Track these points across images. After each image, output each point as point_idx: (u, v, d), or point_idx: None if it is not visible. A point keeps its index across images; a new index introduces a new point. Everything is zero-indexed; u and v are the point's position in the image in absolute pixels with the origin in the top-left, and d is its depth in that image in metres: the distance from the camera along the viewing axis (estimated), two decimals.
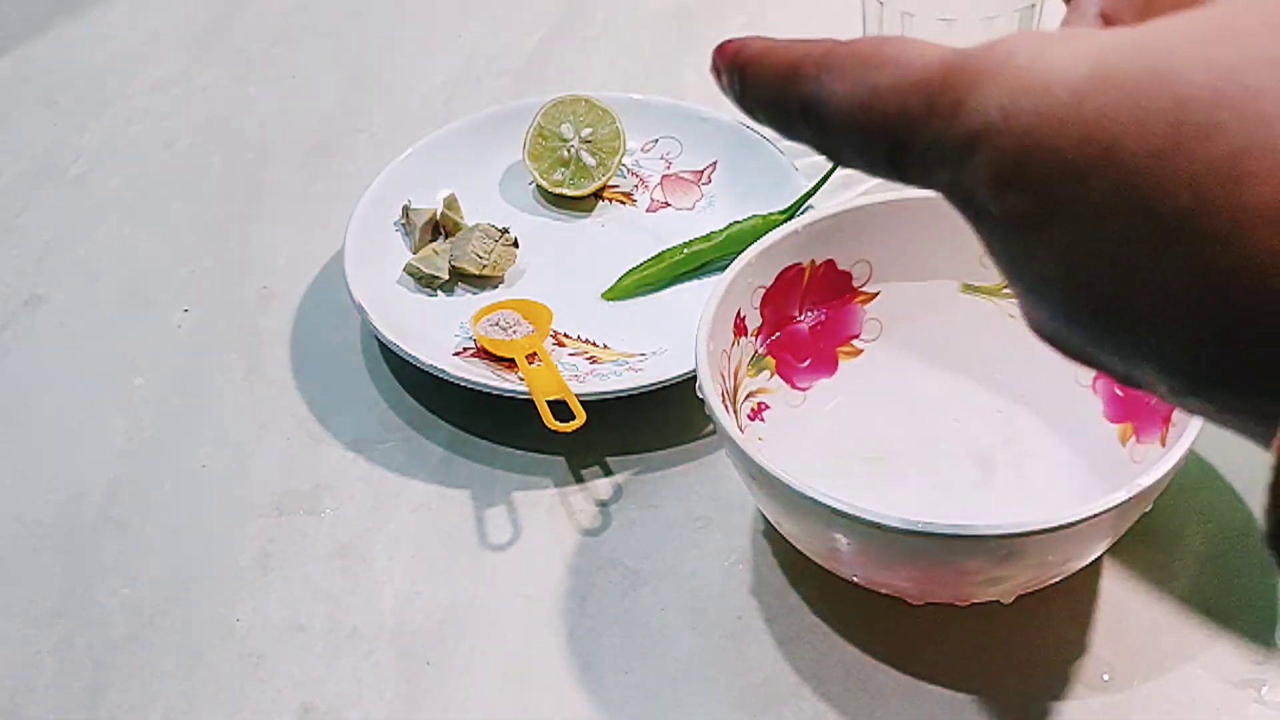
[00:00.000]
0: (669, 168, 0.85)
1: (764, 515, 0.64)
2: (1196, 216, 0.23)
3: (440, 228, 0.80)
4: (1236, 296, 0.23)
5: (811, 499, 0.55)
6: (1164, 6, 0.28)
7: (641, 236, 0.81)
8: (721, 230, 0.78)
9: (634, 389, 0.69)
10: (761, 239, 0.67)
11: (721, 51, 0.32)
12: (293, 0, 1.03)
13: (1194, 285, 0.24)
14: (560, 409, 0.68)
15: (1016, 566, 0.56)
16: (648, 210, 0.83)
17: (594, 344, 0.75)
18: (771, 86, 0.31)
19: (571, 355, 0.74)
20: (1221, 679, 0.59)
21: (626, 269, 0.78)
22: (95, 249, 0.85)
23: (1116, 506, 0.53)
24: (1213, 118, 0.23)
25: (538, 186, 0.84)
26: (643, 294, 0.78)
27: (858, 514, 0.54)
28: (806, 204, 0.78)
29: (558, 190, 0.83)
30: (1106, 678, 0.60)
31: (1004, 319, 0.68)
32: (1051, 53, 0.25)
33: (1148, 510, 0.57)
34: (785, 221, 0.74)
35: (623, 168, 0.84)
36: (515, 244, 0.79)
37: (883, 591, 0.61)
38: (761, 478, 0.57)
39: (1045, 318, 0.28)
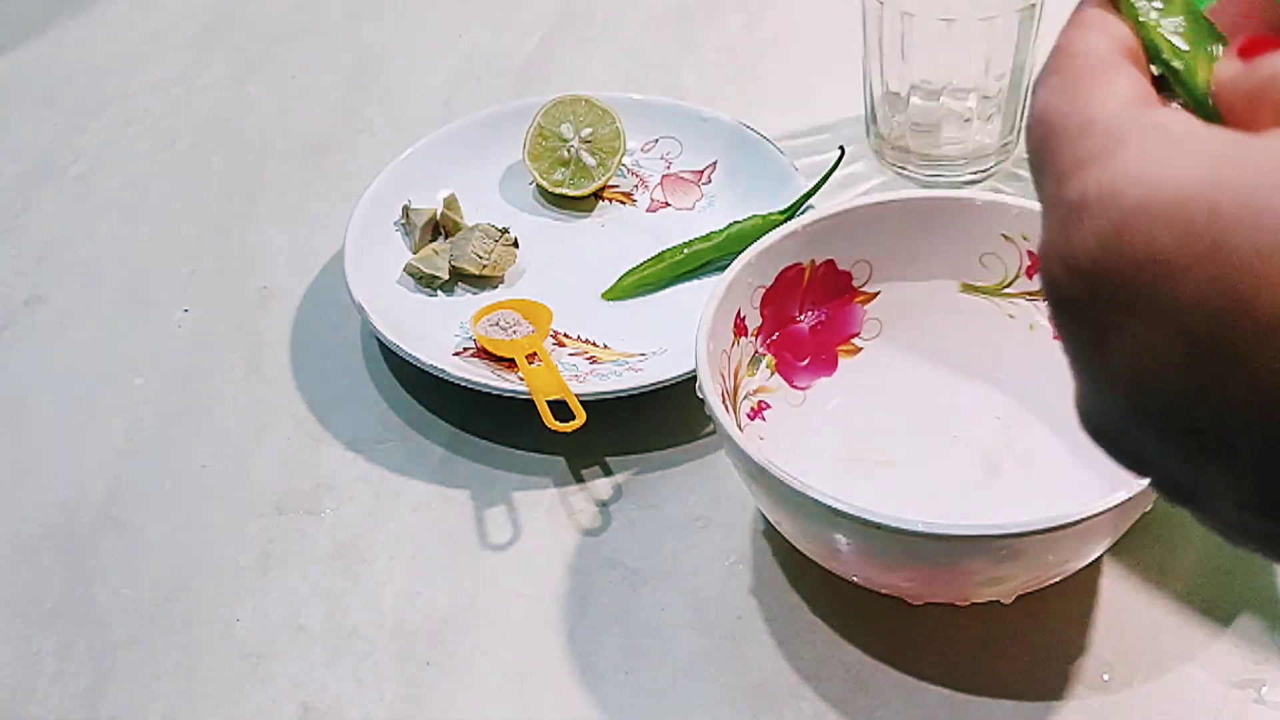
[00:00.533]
0: (669, 168, 0.85)
1: (764, 515, 0.64)
2: None
3: (440, 228, 0.80)
4: None
5: (811, 499, 0.55)
6: None
7: (641, 236, 0.81)
8: (721, 230, 0.78)
9: (634, 389, 0.69)
10: (761, 239, 0.67)
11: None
12: (293, 0, 1.03)
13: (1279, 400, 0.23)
14: (560, 409, 0.68)
15: (1016, 566, 0.56)
16: (648, 210, 0.83)
17: (594, 344, 0.75)
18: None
19: (571, 355, 0.74)
20: (1221, 679, 0.59)
21: (626, 269, 0.78)
22: (95, 249, 0.85)
23: (1116, 506, 0.54)
24: None
25: (538, 186, 0.84)
26: (643, 294, 0.78)
27: (858, 514, 0.54)
28: (806, 204, 0.78)
29: (558, 190, 0.83)
30: (1106, 678, 0.60)
31: (1004, 319, 0.68)
32: (1169, 151, 0.25)
33: (1148, 510, 0.57)
34: (785, 221, 0.74)
35: (623, 168, 0.84)
36: (515, 244, 0.79)
37: (883, 591, 0.61)
38: (761, 478, 0.57)
39: (1106, 412, 0.27)
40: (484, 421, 0.72)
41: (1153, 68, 0.32)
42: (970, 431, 0.67)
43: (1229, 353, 0.24)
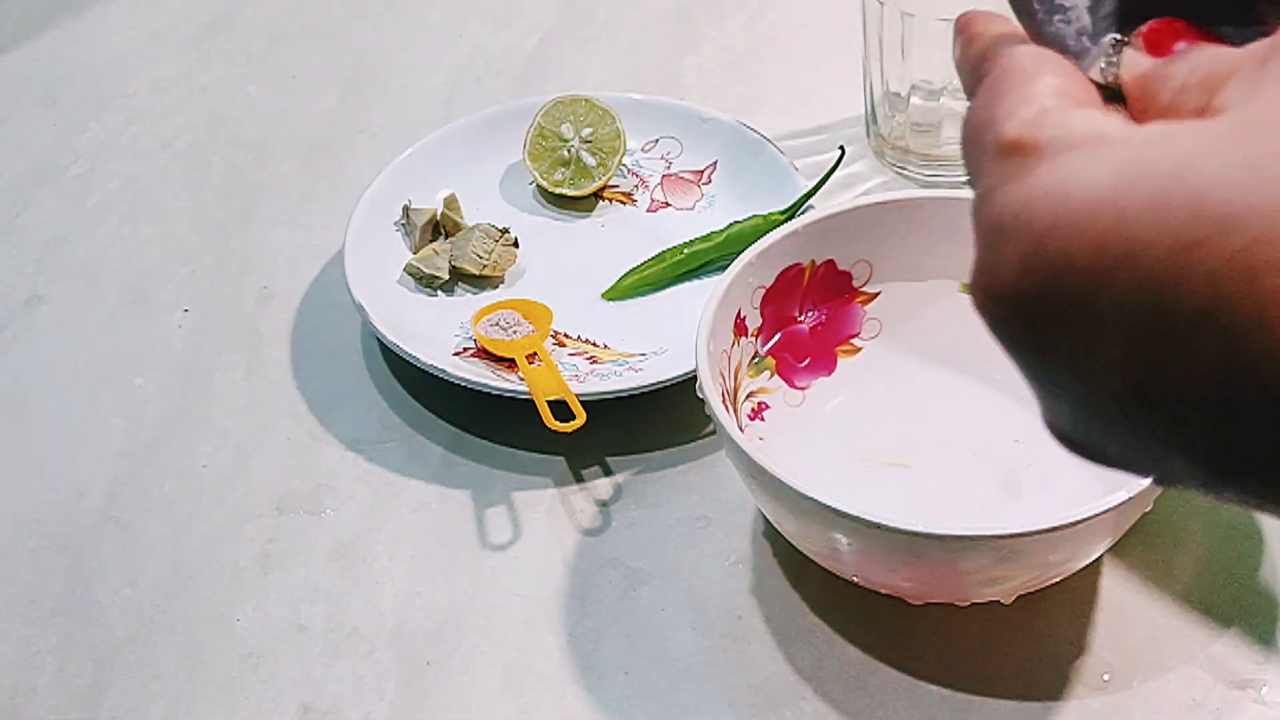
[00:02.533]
0: (669, 168, 0.85)
1: (764, 515, 0.64)
2: (1216, 311, 0.23)
3: (440, 228, 0.80)
4: (1262, 386, 0.23)
5: (812, 499, 0.55)
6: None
7: (641, 236, 0.81)
8: (721, 230, 0.78)
9: (634, 389, 0.69)
10: (761, 239, 0.67)
11: (959, 22, 0.34)
12: (293, 0, 1.03)
13: (1219, 378, 0.24)
14: (560, 409, 0.68)
15: (1016, 566, 0.56)
16: (648, 210, 0.83)
17: (594, 344, 0.75)
18: (963, 63, 0.33)
19: (571, 355, 0.74)
20: (1221, 679, 0.59)
21: (626, 269, 0.78)
22: (95, 249, 0.85)
23: (1116, 506, 0.54)
24: (1228, 211, 0.23)
25: (538, 186, 0.84)
26: (643, 294, 0.78)
27: (858, 514, 0.54)
28: (806, 204, 0.78)
29: (558, 190, 0.83)
30: (1106, 678, 0.60)
31: None
32: (1073, 161, 0.26)
33: (1148, 510, 0.57)
34: (785, 221, 0.74)
35: (623, 168, 0.84)
36: (515, 244, 0.79)
37: (883, 591, 0.61)
38: (761, 478, 0.57)
39: (1066, 419, 0.28)
40: (484, 421, 0.72)
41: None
42: (970, 431, 0.67)
43: (1162, 348, 0.24)
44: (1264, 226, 0.23)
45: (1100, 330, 0.25)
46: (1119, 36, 0.32)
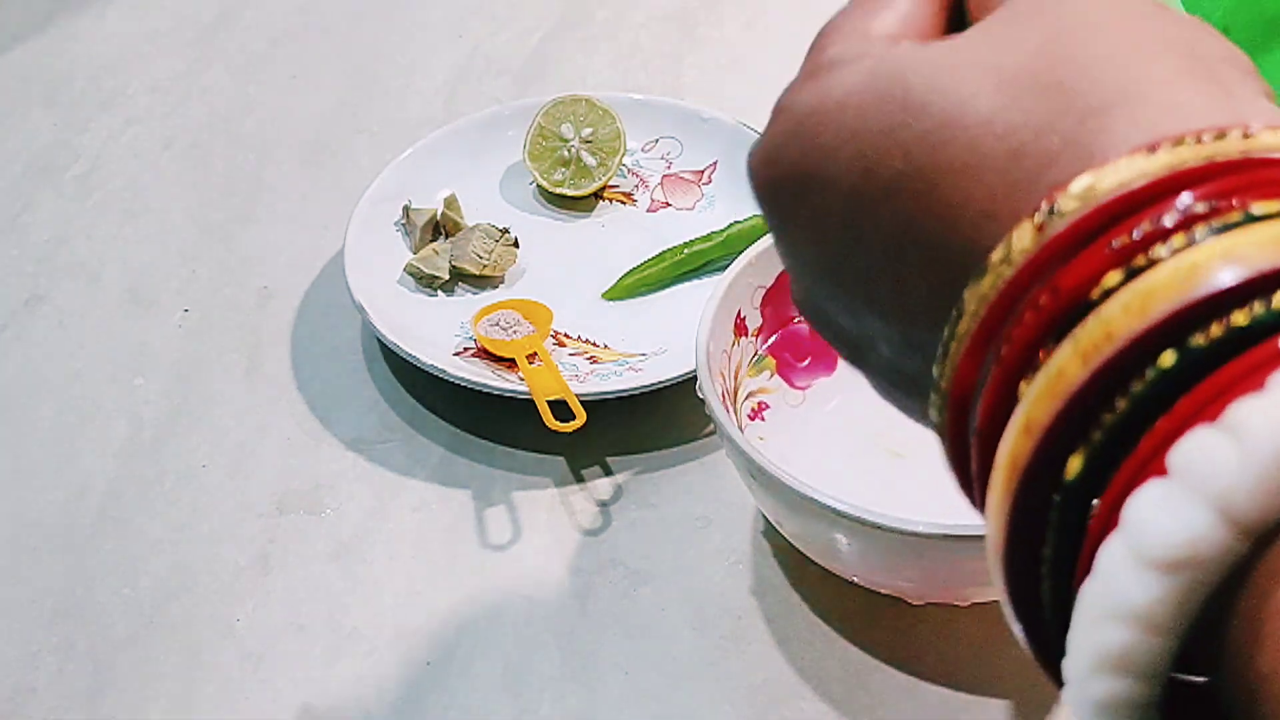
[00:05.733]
0: (669, 168, 0.85)
1: (764, 515, 0.64)
2: (905, 175, 0.29)
3: (440, 228, 0.80)
4: (924, 243, 0.29)
5: (812, 499, 0.55)
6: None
7: (641, 236, 0.81)
8: (721, 230, 0.78)
9: (634, 389, 0.69)
10: (761, 239, 0.67)
11: None
12: (293, 0, 1.03)
13: (902, 233, 0.29)
14: (560, 409, 0.68)
15: None
16: (648, 210, 0.83)
17: (594, 344, 0.75)
18: None
19: (571, 355, 0.74)
20: None
21: (626, 269, 0.78)
22: (95, 249, 0.85)
23: None
24: (927, 98, 0.29)
25: (538, 186, 0.84)
26: (643, 294, 0.78)
27: (858, 514, 0.54)
28: None
29: (558, 190, 0.83)
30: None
31: None
32: (841, 69, 0.31)
33: None
34: None
35: (623, 168, 0.84)
36: (515, 244, 0.79)
37: (883, 591, 0.61)
38: (761, 478, 0.57)
39: (801, 285, 0.34)
40: (484, 421, 0.72)
41: None
42: None
43: (867, 211, 0.30)
44: (947, 112, 0.29)
45: (823, 197, 0.31)
46: None
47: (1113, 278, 0.25)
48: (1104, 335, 0.24)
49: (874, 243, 0.30)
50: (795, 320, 0.69)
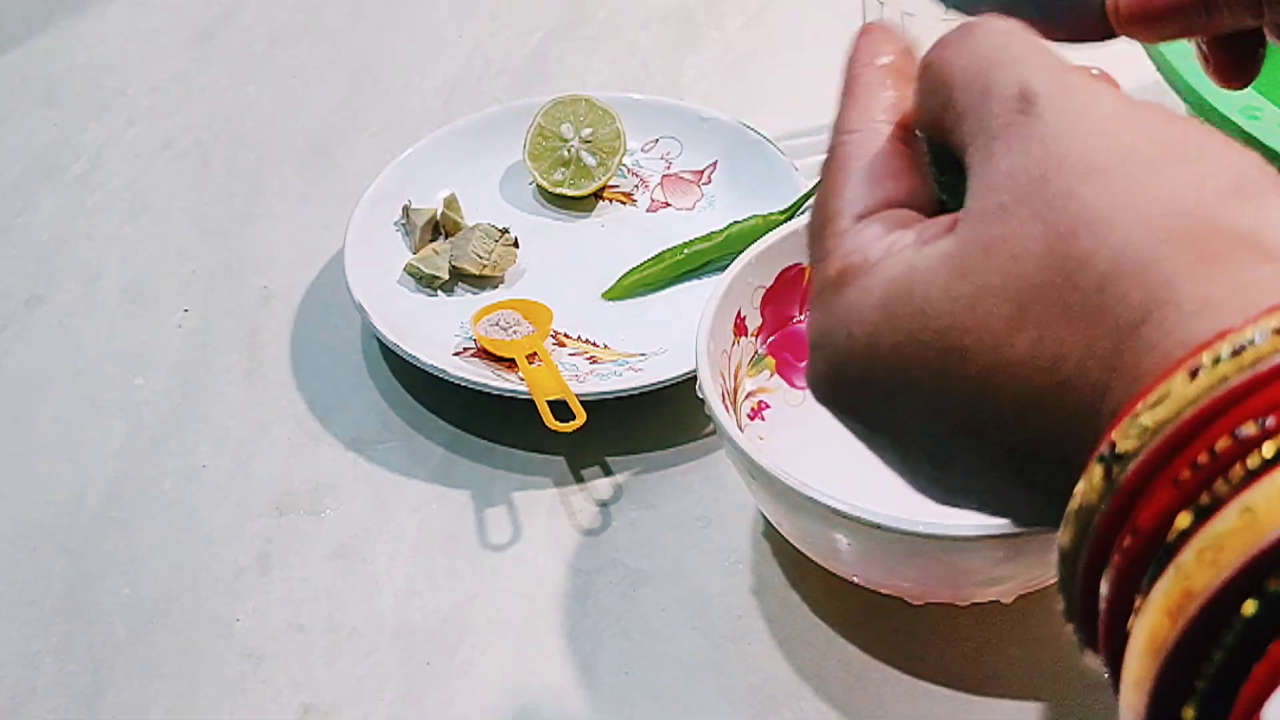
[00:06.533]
0: (669, 168, 0.85)
1: (764, 515, 0.64)
2: (974, 420, 0.30)
3: (440, 228, 0.80)
4: (1014, 471, 0.30)
5: (811, 499, 0.55)
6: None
7: (641, 236, 0.81)
8: (721, 230, 0.78)
9: (634, 389, 0.69)
10: (761, 239, 0.67)
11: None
12: (293, 0, 1.03)
13: (985, 468, 0.31)
14: (560, 409, 0.68)
15: (1016, 566, 0.56)
16: (648, 210, 0.83)
17: (594, 344, 0.75)
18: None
19: (571, 355, 0.74)
20: None
21: (626, 269, 0.78)
22: (95, 249, 0.85)
23: None
24: (962, 343, 0.30)
25: (538, 186, 0.84)
26: (643, 294, 0.78)
27: (858, 514, 0.54)
28: (806, 204, 0.78)
29: (558, 190, 0.83)
30: (1106, 678, 0.60)
31: None
32: (851, 294, 0.32)
33: None
34: (785, 221, 0.74)
35: (623, 168, 0.84)
36: (515, 244, 0.79)
37: (883, 591, 0.61)
38: (761, 478, 0.57)
39: (903, 476, 0.35)
40: (484, 421, 0.72)
41: None
42: None
43: (946, 448, 0.31)
44: (988, 357, 0.29)
45: (902, 433, 0.32)
46: None
47: (1183, 520, 0.26)
48: (1184, 593, 0.25)
49: (966, 469, 0.32)
50: (795, 320, 0.69)
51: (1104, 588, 0.27)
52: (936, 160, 0.34)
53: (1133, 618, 0.26)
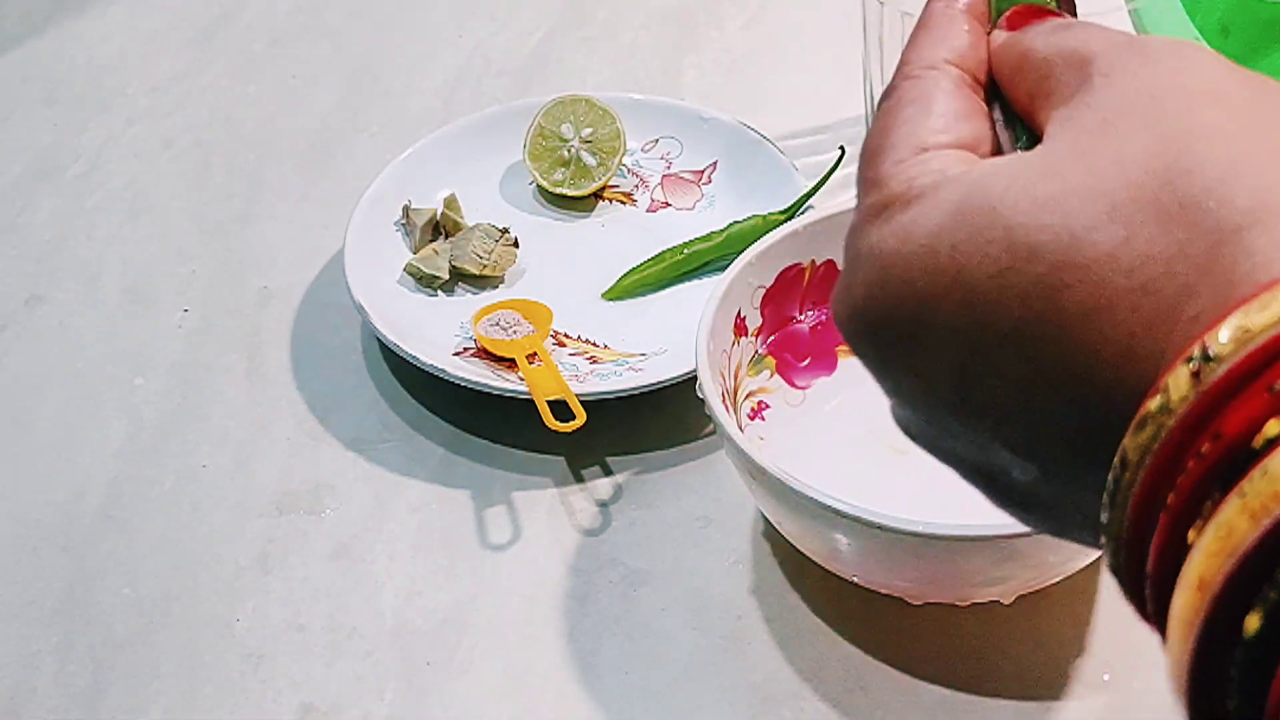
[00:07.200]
0: (669, 168, 0.85)
1: (764, 515, 0.64)
2: (1026, 323, 0.28)
3: (440, 228, 0.80)
4: (1059, 386, 0.28)
5: (812, 499, 0.55)
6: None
7: (641, 236, 0.81)
8: (721, 230, 0.78)
9: (634, 389, 0.69)
10: (761, 239, 0.67)
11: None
12: (293, 0, 1.03)
13: (1030, 380, 0.28)
14: (560, 409, 0.68)
15: (1016, 566, 0.56)
16: (648, 210, 0.83)
17: (594, 344, 0.75)
18: None
19: (571, 355, 0.74)
20: None
21: (626, 269, 0.78)
22: (95, 249, 0.85)
23: None
24: (1035, 239, 0.28)
25: (538, 186, 0.84)
26: (643, 294, 0.78)
27: (858, 514, 0.54)
28: (806, 204, 0.78)
29: (558, 190, 0.83)
30: (1106, 678, 0.60)
31: None
32: (917, 206, 0.30)
33: None
34: (785, 221, 0.74)
35: (623, 168, 0.84)
36: (515, 244, 0.79)
37: (883, 591, 0.61)
38: (761, 478, 0.57)
39: (911, 419, 0.33)
40: (484, 421, 0.72)
41: None
42: None
43: (985, 359, 0.29)
44: (1062, 254, 0.27)
45: (933, 345, 0.30)
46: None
47: (1274, 426, 0.24)
48: (1272, 494, 0.24)
49: (996, 389, 0.29)
50: (795, 320, 0.69)
51: (1170, 497, 0.25)
52: (1008, 124, 0.33)
53: (1201, 522, 0.25)
